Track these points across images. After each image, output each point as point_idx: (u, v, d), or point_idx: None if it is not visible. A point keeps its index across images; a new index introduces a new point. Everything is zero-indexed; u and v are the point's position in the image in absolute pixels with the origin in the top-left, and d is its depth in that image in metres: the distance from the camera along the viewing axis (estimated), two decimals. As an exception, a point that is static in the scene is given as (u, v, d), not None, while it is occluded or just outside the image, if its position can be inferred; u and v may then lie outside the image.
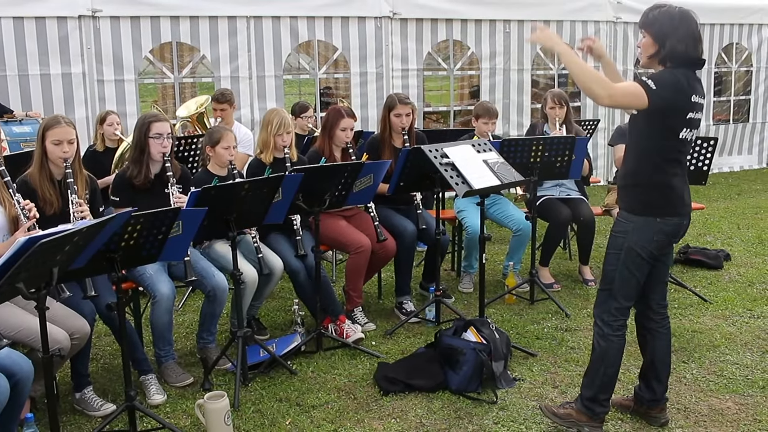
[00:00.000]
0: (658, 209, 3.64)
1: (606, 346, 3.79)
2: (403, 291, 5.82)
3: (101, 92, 8.31)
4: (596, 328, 3.85)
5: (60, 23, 8.06)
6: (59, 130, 4.24)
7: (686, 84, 3.53)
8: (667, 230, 3.67)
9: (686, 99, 3.54)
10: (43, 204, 4.21)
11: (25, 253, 2.88)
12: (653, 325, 3.96)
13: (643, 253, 3.66)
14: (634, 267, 3.70)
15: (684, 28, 3.56)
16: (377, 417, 4.20)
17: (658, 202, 3.64)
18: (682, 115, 3.55)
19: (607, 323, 3.78)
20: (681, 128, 3.57)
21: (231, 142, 5.10)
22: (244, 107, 8.89)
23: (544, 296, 5.96)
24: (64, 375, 4.55)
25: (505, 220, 6.25)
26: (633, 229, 3.68)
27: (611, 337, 3.77)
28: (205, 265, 4.75)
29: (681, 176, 3.69)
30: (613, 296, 3.76)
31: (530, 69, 10.42)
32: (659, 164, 3.61)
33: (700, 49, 3.61)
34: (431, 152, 4.59)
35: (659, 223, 3.64)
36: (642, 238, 3.66)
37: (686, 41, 3.54)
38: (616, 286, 3.75)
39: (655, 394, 4.00)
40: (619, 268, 3.73)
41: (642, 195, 3.67)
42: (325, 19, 9.16)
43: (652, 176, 3.63)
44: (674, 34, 3.54)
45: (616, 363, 3.83)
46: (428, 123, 10.99)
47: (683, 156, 3.70)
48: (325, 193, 4.86)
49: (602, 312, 3.81)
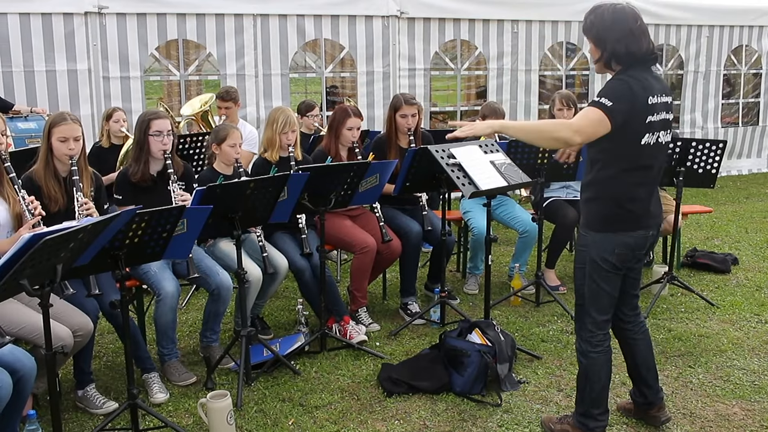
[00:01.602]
0: (617, 224, 3.53)
1: (587, 363, 3.71)
2: (408, 292, 5.80)
3: (107, 89, 8.29)
4: (576, 345, 3.78)
5: (66, 19, 8.05)
6: (65, 127, 4.23)
7: (640, 88, 3.39)
8: (629, 242, 3.55)
9: (642, 103, 3.40)
10: (48, 201, 4.20)
11: (29, 250, 2.87)
12: (627, 333, 3.88)
13: (605, 265, 3.56)
14: (600, 279, 3.59)
15: (619, 27, 3.43)
16: (380, 418, 4.18)
17: (617, 216, 3.52)
18: (641, 121, 3.42)
19: (585, 340, 3.70)
20: (642, 134, 3.44)
21: (237, 140, 5.09)
22: (249, 105, 8.87)
23: (549, 298, 5.92)
24: (67, 372, 4.53)
25: (512, 222, 6.22)
26: (592, 242, 3.58)
27: (591, 354, 3.69)
28: (210, 264, 4.74)
29: (647, 185, 3.55)
30: (586, 311, 3.68)
31: (538, 69, 10.38)
32: (619, 175, 3.48)
33: (644, 44, 3.45)
34: (438, 152, 4.56)
35: (619, 235, 3.53)
36: (602, 251, 3.55)
37: (624, 40, 3.41)
38: (588, 301, 3.66)
39: (647, 398, 3.96)
40: (587, 283, 3.64)
41: (600, 209, 3.56)
42: (332, 18, 9.14)
43: (610, 189, 3.51)
44: (610, 35, 3.44)
45: (602, 378, 3.73)
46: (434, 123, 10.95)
47: (651, 161, 3.54)
48: (330, 192, 4.84)
49: (580, 329, 3.74)
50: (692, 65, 11.41)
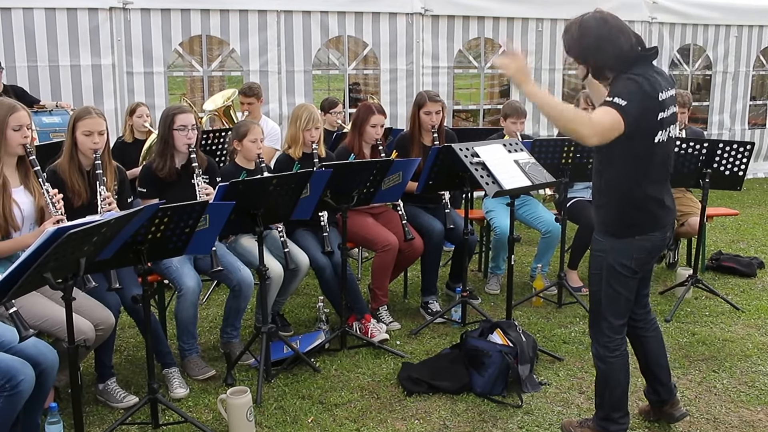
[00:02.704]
0: (636, 227, 3.47)
1: (605, 368, 3.66)
2: (429, 291, 5.77)
3: (130, 84, 8.32)
4: (593, 350, 3.72)
5: (91, 14, 8.08)
6: (90, 121, 4.24)
7: (648, 85, 3.33)
8: (647, 246, 3.51)
9: (654, 101, 3.34)
10: (71, 195, 4.21)
11: (53, 244, 2.88)
12: (638, 332, 3.83)
13: (624, 270, 3.50)
14: (618, 285, 3.54)
15: (588, 38, 3.36)
16: (400, 417, 4.16)
17: (636, 219, 3.47)
18: (653, 119, 3.36)
19: (602, 345, 3.64)
20: (655, 132, 3.39)
21: (258, 136, 5.09)
22: (272, 102, 8.87)
23: (572, 300, 5.87)
24: (88, 366, 4.55)
25: (535, 222, 6.17)
26: (610, 248, 3.52)
27: (609, 359, 3.64)
28: (231, 260, 4.73)
29: (661, 182, 3.51)
30: (603, 316, 3.62)
31: (562, 69, 10.30)
32: (633, 176, 3.42)
33: (624, 43, 3.35)
34: (462, 151, 4.53)
35: (638, 240, 3.48)
36: (621, 257, 3.49)
37: (603, 48, 3.35)
38: (604, 306, 3.60)
39: (660, 395, 3.91)
40: (603, 288, 3.57)
41: (617, 214, 3.49)
42: (355, 15, 9.12)
43: (627, 191, 3.45)
44: (585, 48, 3.39)
45: (621, 382, 3.68)
46: (457, 121, 10.91)
47: (664, 157, 3.49)
48: (353, 189, 4.82)
49: (596, 333, 3.68)
50: (720, 66, 11.27)
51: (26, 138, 3.89)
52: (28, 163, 3.94)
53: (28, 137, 3.92)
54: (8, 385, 3.19)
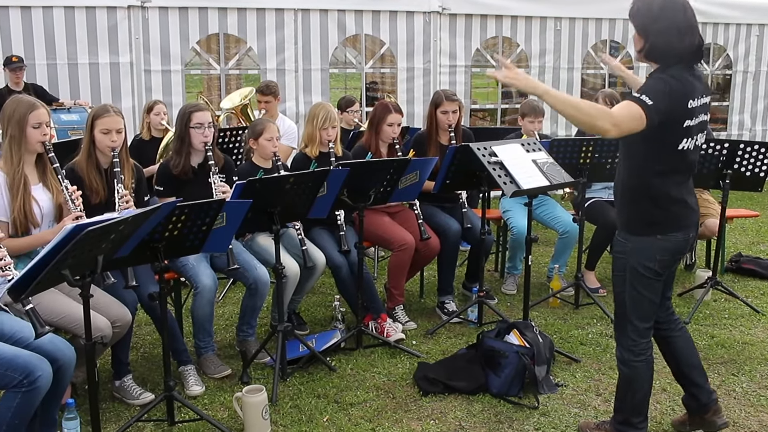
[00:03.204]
0: (658, 226, 3.40)
1: (629, 372, 3.59)
2: (446, 290, 5.75)
3: (148, 82, 8.36)
4: (617, 353, 3.65)
5: (109, 13, 8.13)
6: (108, 119, 4.26)
7: (680, 90, 3.24)
8: (670, 247, 3.43)
9: (683, 107, 3.25)
10: (89, 192, 4.23)
11: (71, 241, 2.89)
12: (664, 333, 3.76)
13: (647, 272, 3.44)
14: (641, 287, 3.47)
15: (665, 19, 3.25)
16: (416, 417, 4.14)
17: (657, 218, 3.39)
18: (678, 126, 3.28)
19: (627, 349, 3.57)
20: (680, 140, 3.31)
21: (274, 134, 5.08)
22: (289, 100, 8.87)
23: (589, 301, 5.84)
24: (104, 362, 4.56)
25: (552, 222, 6.14)
26: (632, 249, 3.46)
27: (633, 363, 3.57)
28: (248, 258, 4.74)
29: (684, 185, 3.42)
30: (628, 319, 3.55)
31: (580, 68, 10.24)
32: (655, 178, 3.35)
33: (687, 41, 3.27)
34: (479, 150, 4.50)
35: (660, 240, 3.40)
36: (644, 258, 3.43)
37: (668, 33, 3.24)
38: (629, 309, 3.53)
39: (700, 400, 3.79)
40: (627, 290, 3.52)
41: (639, 212, 3.44)
42: (373, 13, 9.10)
43: (649, 189, 3.38)
44: (654, 26, 3.26)
45: (644, 387, 3.61)
46: (474, 121, 10.88)
47: (688, 164, 3.41)
48: (370, 188, 4.81)
49: (621, 336, 3.61)
50: (741, 65, 11.16)
51: (45, 135, 3.92)
52: (47, 160, 3.97)
53: (47, 135, 3.94)
54: (26, 380, 3.21)
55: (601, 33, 10.20)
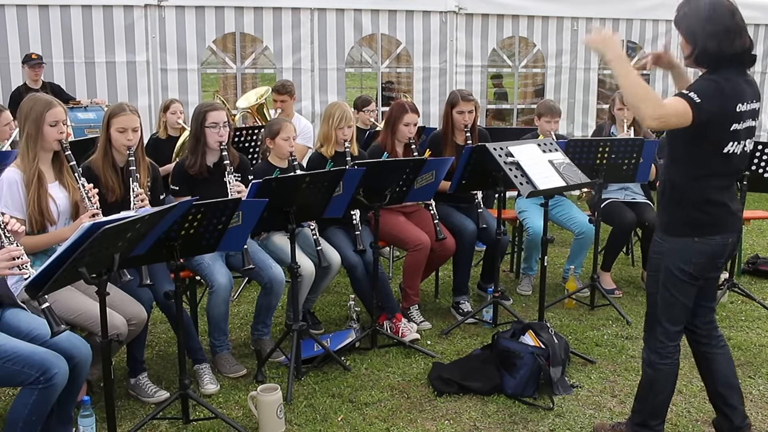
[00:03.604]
0: (696, 228, 3.33)
1: (653, 374, 3.55)
2: (461, 291, 5.74)
3: (164, 81, 8.40)
4: (644, 354, 3.61)
5: (126, 12, 8.18)
6: (124, 118, 4.28)
7: (730, 92, 3.18)
8: (707, 251, 3.35)
9: (731, 110, 3.19)
10: (105, 191, 4.25)
11: (88, 239, 2.90)
12: (704, 348, 3.65)
13: (681, 275, 3.37)
14: (675, 289, 3.41)
15: (714, 22, 3.20)
16: (430, 418, 4.13)
17: (698, 220, 3.32)
18: (725, 129, 3.22)
19: (654, 350, 3.53)
20: (725, 143, 3.25)
21: (290, 133, 5.08)
22: (305, 100, 8.88)
23: (604, 302, 5.81)
24: (120, 360, 4.58)
25: (568, 223, 6.11)
26: (668, 250, 3.40)
27: (659, 366, 3.52)
28: (263, 257, 4.74)
29: (727, 189, 3.36)
30: (658, 321, 3.49)
31: (597, 68, 10.19)
32: (697, 180, 3.30)
33: (737, 43, 3.22)
34: (496, 150, 4.49)
35: (698, 243, 3.33)
36: (679, 260, 3.36)
37: (718, 37, 3.19)
38: (660, 310, 3.47)
39: (733, 422, 3.66)
40: (660, 291, 3.45)
41: (679, 214, 3.37)
42: (389, 13, 9.10)
43: (691, 192, 3.32)
44: (702, 30, 3.21)
45: (665, 390, 3.57)
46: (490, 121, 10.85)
47: (733, 169, 3.36)
48: (386, 188, 4.80)
49: (649, 338, 3.57)
50: (760, 66, 11.05)
51: (62, 134, 3.93)
52: (63, 158, 3.98)
53: (64, 133, 3.96)
54: (43, 377, 3.22)
55: (619, 33, 10.13)
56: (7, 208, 3.72)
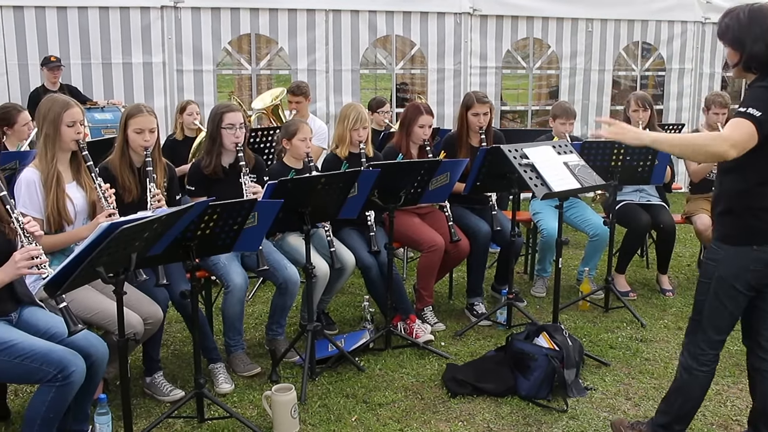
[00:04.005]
0: (755, 236, 3.24)
1: (688, 379, 3.49)
2: (475, 292, 5.73)
3: (180, 82, 8.45)
4: (682, 358, 3.53)
5: (143, 13, 8.23)
6: (141, 119, 4.30)
7: None
8: (765, 258, 3.26)
9: None
10: (122, 191, 4.28)
11: (106, 238, 2.92)
12: (763, 365, 3.52)
13: (737, 284, 3.29)
14: (725, 298, 3.33)
15: (757, 25, 3.18)
16: (444, 419, 4.14)
17: (756, 228, 3.24)
18: None
19: (693, 356, 3.46)
20: None
21: (307, 135, 5.10)
22: (320, 101, 8.91)
23: (619, 304, 5.79)
24: (135, 359, 4.61)
25: (582, 225, 6.10)
26: (724, 257, 3.32)
27: (695, 372, 3.46)
28: (278, 258, 4.76)
29: None
30: (702, 327, 3.41)
31: (612, 70, 10.17)
32: (755, 188, 3.24)
33: None
34: (511, 152, 4.49)
35: (756, 251, 3.24)
36: (735, 268, 3.29)
37: (764, 39, 3.16)
38: (705, 317, 3.40)
39: None
40: (708, 298, 3.37)
41: (737, 222, 3.29)
42: (404, 14, 9.12)
43: (746, 201, 3.26)
44: (748, 36, 3.19)
45: (696, 398, 3.53)
46: (504, 122, 10.84)
47: None
48: (400, 189, 4.81)
49: (689, 343, 3.50)
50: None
51: (79, 134, 3.96)
52: (80, 158, 4.01)
53: (82, 133, 3.99)
54: (60, 375, 3.25)
55: (633, 35, 10.13)
56: (25, 208, 3.75)
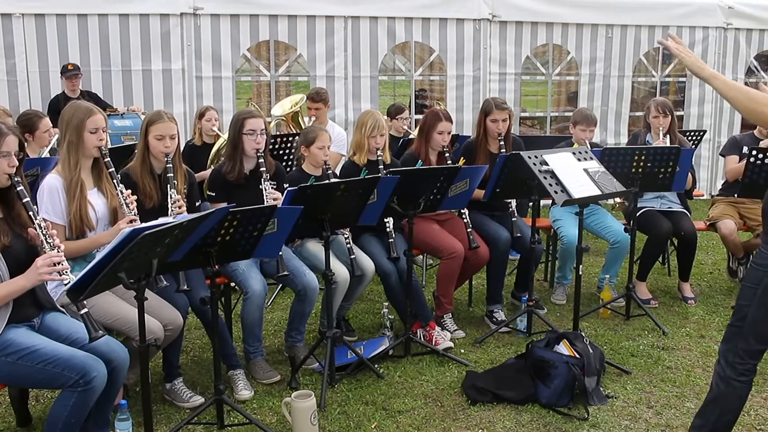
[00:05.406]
0: None
1: (725, 390, 3.34)
2: (495, 299, 5.71)
3: (199, 88, 8.49)
4: (718, 367, 3.35)
5: (162, 20, 8.29)
6: (162, 125, 4.33)
7: None
8: None
9: None
10: (143, 197, 4.30)
11: (128, 244, 2.93)
12: None
13: None
14: None
15: None
16: (464, 426, 4.12)
17: None
18: None
19: (731, 364, 3.28)
20: None
21: (326, 142, 5.11)
22: (338, 107, 8.93)
23: (640, 312, 5.75)
24: (155, 365, 4.61)
25: (603, 232, 6.05)
26: None
27: (733, 382, 3.29)
28: (297, 264, 4.76)
29: None
30: (743, 335, 3.24)
31: (631, 76, 10.12)
32: None
33: None
34: (530, 159, 4.47)
35: None
36: None
37: None
38: (748, 325, 3.22)
39: None
40: (754, 305, 3.19)
41: None
42: (422, 21, 9.12)
43: None
44: None
45: (733, 410, 3.37)
46: (523, 129, 10.82)
47: None
48: (420, 196, 4.80)
49: (728, 351, 3.34)
50: None
51: (102, 141, 3.98)
52: (102, 165, 4.03)
53: (104, 140, 4.01)
54: (82, 380, 3.27)
55: (653, 41, 10.07)
56: (47, 215, 3.78)
